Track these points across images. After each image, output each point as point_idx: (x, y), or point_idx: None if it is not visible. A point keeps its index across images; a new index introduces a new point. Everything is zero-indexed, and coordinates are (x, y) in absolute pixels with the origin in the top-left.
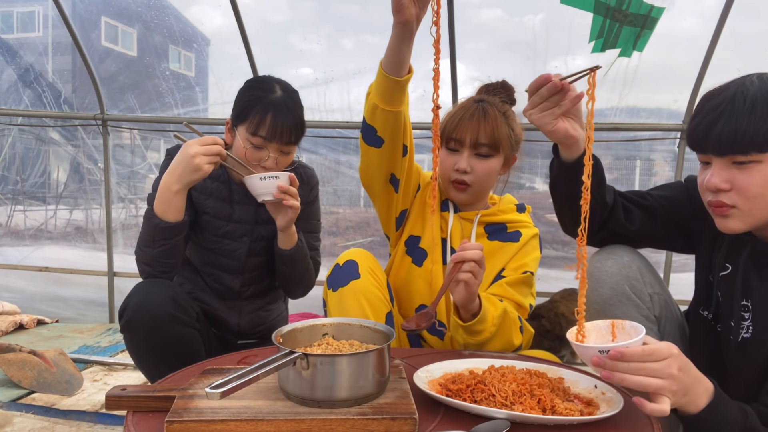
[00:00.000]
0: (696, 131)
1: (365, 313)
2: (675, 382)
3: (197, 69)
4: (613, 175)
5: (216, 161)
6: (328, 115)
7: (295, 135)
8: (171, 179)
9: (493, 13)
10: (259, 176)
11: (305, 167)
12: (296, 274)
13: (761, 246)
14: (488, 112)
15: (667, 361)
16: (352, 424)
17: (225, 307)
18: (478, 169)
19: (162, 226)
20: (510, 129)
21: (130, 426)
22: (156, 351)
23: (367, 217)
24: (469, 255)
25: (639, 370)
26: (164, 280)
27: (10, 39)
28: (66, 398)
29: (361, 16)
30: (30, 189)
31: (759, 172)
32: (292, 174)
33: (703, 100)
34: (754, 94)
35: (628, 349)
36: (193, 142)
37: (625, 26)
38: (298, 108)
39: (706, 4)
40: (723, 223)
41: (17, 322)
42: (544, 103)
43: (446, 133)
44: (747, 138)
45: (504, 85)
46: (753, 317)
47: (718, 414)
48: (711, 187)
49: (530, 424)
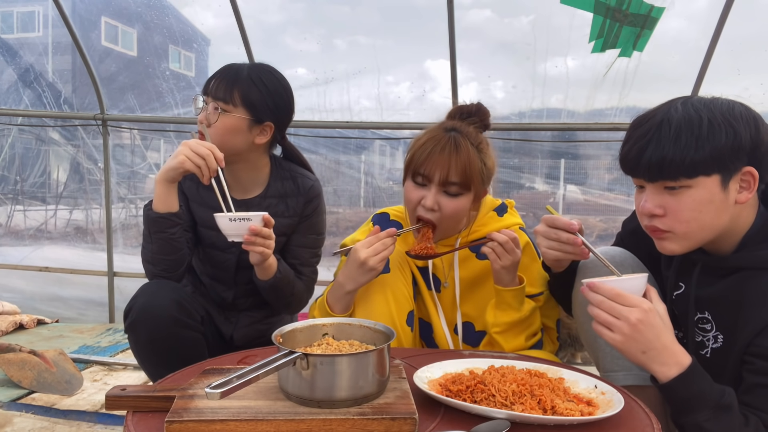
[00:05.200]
0: (627, 158)
1: (389, 307)
2: (629, 329)
3: (197, 69)
4: (613, 175)
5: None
6: (328, 115)
7: (228, 90)
8: (160, 172)
9: (482, 14)
10: (229, 216)
11: (305, 176)
12: (281, 300)
13: (713, 261)
14: (460, 146)
15: (630, 309)
16: (352, 424)
17: (222, 317)
18: (446, 207)
19: (153, 216)
20: (483, 164)
21: (130, 426)
22: (159, 353)
23: (367, 216)
24: (494, 235)
25: (601, 303)
26: (170, 282)
27: (10, 39)
28: (66, 398)
29: (351, 17)
30: (30, 189)
31: (689, 196)
32: (266, 214)
33: (632, 126)
34: (678, 122)
35: (600, 284)
36: (190, 141)
37: (625, 26)
38: (249, 76)
39: (706, 5)
40: (661, 245)
41: (17, 322)
42: (554, 242)
43: (414, 164)
44: (674, 165)
45: (479, 109)
46: (717, 326)
47: (688, 386)
48: (645, 213)
49: (530, 424)
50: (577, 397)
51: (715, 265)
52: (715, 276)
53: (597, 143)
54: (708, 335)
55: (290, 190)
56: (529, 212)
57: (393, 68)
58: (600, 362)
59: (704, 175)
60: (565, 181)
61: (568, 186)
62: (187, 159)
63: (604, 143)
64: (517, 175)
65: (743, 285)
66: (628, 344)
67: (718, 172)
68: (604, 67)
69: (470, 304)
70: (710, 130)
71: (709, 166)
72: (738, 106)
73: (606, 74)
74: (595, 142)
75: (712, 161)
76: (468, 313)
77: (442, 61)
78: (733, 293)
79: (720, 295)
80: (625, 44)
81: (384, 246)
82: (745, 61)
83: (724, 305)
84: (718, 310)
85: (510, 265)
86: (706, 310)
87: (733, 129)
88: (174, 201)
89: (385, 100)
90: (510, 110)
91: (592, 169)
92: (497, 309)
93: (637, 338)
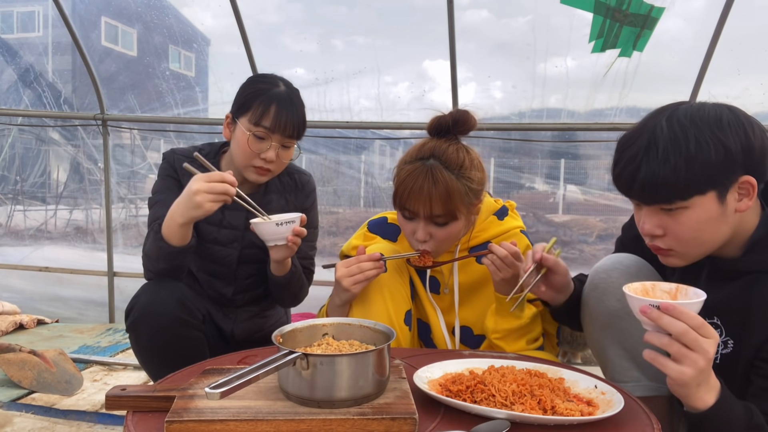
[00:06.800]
0: (620, 180)
1: (386, 306)
2: (704, 363)
3: (197, 69)
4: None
5: (221, 200)
6: (328, 115)
7: (298, 130)
8: (177, 211)
9: (479, 14)
10: (276, 222)
11: (301, 172)
12: (288, 294)
13: (718, 263)
14: (438, 180)
15: (710, 341)
16: (352, 424)
17: (220, 314)
18: (437, 235)
19: (167, 250)
20: (467, 187)
21: (130, 426)
22: (161, 352)
23: (367, 217)
24: (494, 248)
25: (683, 334)
26: (172, 281)
27: (10, 39)
28: (66, 398)
29: (348, 17)
30: (30, 189)
31: (687, 217)
32: (302, 214)
33: (619, 146)
34: (665, 143)
35: (681, 307)
36: (200, 177)
37: (625, 26)
38: (301, 104)
39: (705, 5)
40: (665, 261)
41: (17, 322)
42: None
43: (398, 199)
44: (666, 189)
45: (456, 120)
46: (727, 331)
47: (725, 411)
48: (645, 233)
49: (530, 424)
50: (577, 397)
51: (722, 269)
52: (722, 280)
53: (597, 143)
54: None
55: (288, 185)
56: (529, 212)
57: (392, 68)
58: (608, 372)
59: (699, 194)
60: (565, 181)
61: (568, 186)
62: (206, 201)
63: (604, 143)
64: (517, 175)
65: (751, 289)
66: (694, 381)
67: (712, 188)
68: (604, 67)
69: (469, 308)
70: (698, 148)
71: (702, 185)
72: (725, 113)
73: (606, 74)
74: (595, 142)
75: (704, 180)
76: (467, 317)
77: (441, 61)
78: (742, 297)
79: (728, 300)
80: (625, 44)
81: (359, 270)
82: (745, 61)
83: (733, 310)
84: (727, 315)
85: (510, 277)
86: (715, 316)
87: (722, 144)
88: (189, 234)
89: (384, 100)
90: (510, 110)
91: (592, 169)
92: (497, 315)
93: (704, 373)
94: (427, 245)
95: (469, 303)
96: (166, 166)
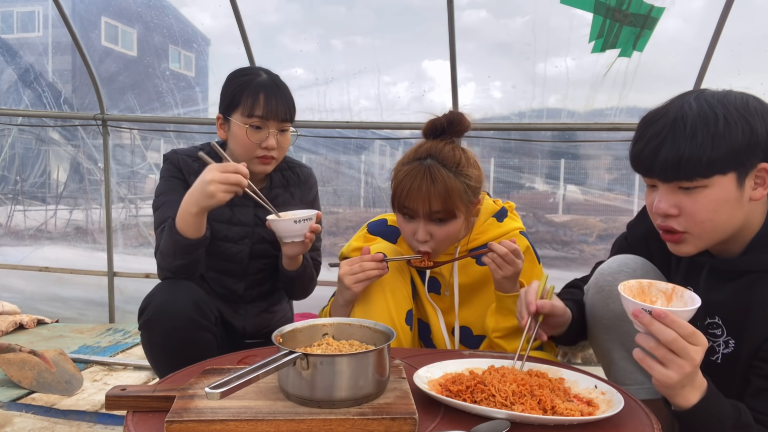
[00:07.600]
0: (640, 157)
1: (388, 306)
2: (690, 369)
3: (197, 69)
4: (613, 175)
5: (233, 191)
6: (328, 115)
7: (290, 112)
8: (190, 201)
9: (478, 14)
10: (294, 219)
11: (302, 166)
12: (299, 287)
13: (719, 263)
14: (436, 179)
15: (699, 348)
16: (352, 424)
17: (230, 311)
18: (437, 234)
19: (183, 243)
20: (465, 184)
21: (130, 426)
22: (172, 353)
23: (367, 217)
24: (494, 246)
25: (672, 342)
26: (187, 281)
27: (10, 39)
28: (66, 398)
29: (347, 17)
30: (30, 189)
31: (705, 197)
32: (318, 211)
33: (643, 124)
34: (693, 120)
35: (673, 316)
36: (214, 167)
37: (625, 26)
38: (286, 87)
39: (705, 5)
40: (675, 248)
41: (17, 322)
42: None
43: (397, 200)
44: (690, 164)
45: (451, 122)
46: (728, 331)
47: (710, 410)
48: (660, 213)
49: (530, 424)
50: (577, 397)
51: (723, 268)
52: (722, 279)
53: (597, 143)
54: (719, 341)
55: (292, 179)
56: (529, 212)
57: (391, 68)
58: (612, 374)
59: (720, 174)
60: (565, 181)
61: (568, 186)
62: (219, 191)
63: (604, 143)
64: (517, 175)
65: (752, 288)
66: (679, 384)
67: (734, 170)
68: (604, 67)
69: (469, 309)
70: (726, 127)
71: (725, 164)
72: (752, 100)
73: (606, 74)
74: (595, 142)
75: (728, 159)
76: (466, 318)
77: (440, 61)
78: (743, 297)
79: (729, 299)
80: (625, 44)
81: (361, 269)
82: (744, 61)
83: (734, 309)
84: (729, 314)
85: (511, 275)
86: (716, 315)
87: (749, 125)
88: (204, 225)
89: (384, 100)
90: (509, 110)
91: (592, 169)
92: (498, 314)
93: (690, 377)
94: (427, 246)
95: (469, 303)
96: (169, 167)
